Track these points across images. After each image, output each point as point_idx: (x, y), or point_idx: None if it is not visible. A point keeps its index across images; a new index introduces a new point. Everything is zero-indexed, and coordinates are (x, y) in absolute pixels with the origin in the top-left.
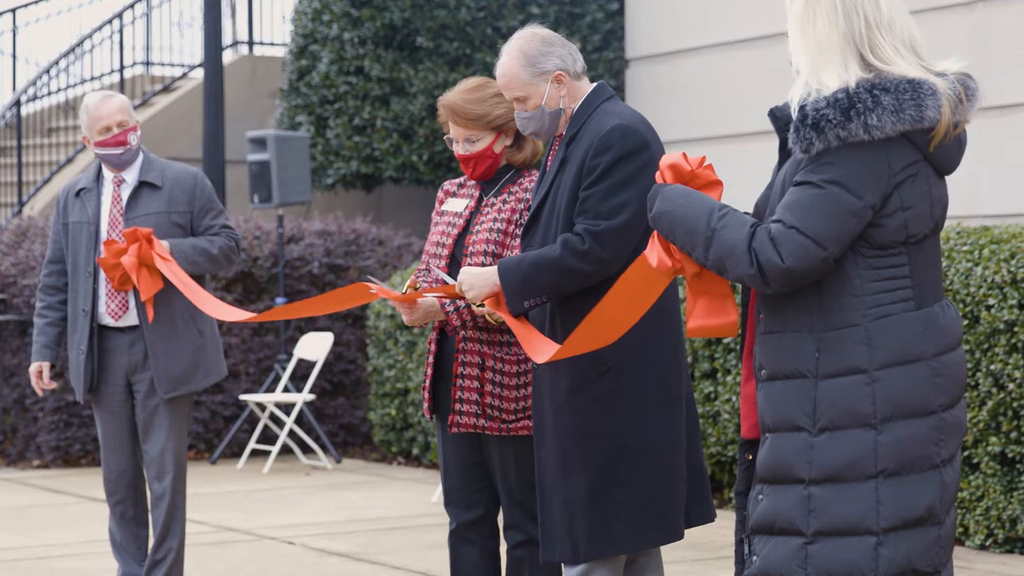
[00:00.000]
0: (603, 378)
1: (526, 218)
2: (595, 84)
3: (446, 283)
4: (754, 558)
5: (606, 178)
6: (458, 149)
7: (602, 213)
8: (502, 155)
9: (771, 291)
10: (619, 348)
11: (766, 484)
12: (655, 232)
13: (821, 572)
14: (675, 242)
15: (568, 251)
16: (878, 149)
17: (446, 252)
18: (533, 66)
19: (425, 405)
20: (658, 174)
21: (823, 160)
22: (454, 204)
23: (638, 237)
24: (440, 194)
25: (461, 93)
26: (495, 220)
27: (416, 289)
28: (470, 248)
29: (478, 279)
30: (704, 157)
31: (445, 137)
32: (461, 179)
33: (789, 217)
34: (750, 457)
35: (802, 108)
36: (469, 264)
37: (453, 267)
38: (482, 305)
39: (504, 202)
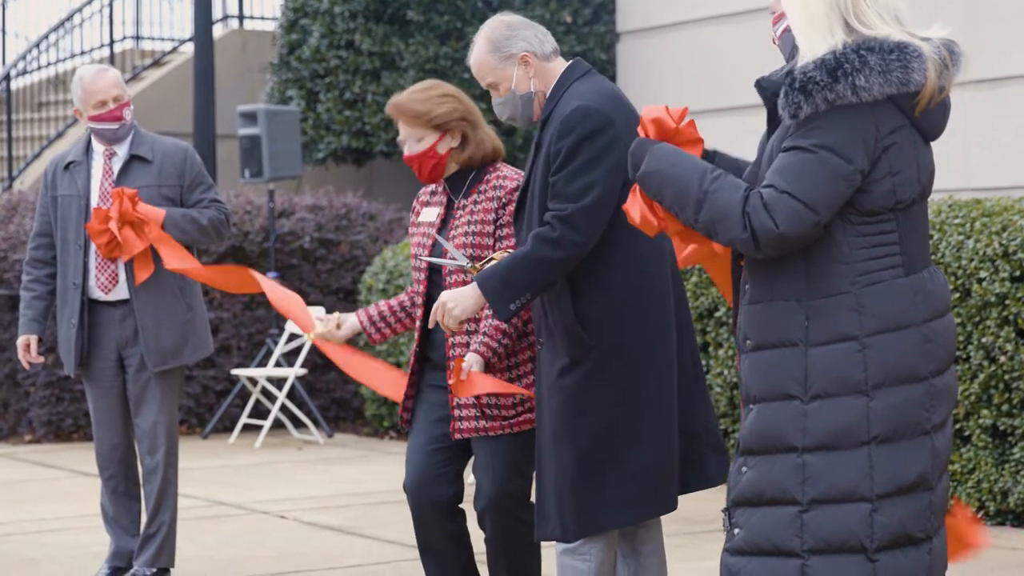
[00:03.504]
0: (588, 358)
1: (501, 223)
2: (569, 62)
3: (456, 259)
4: (736, 531)
5: (570, 161)
6: (405, 150)
7: (569, 196)
8: (447, 156)
9: (762, 255)
10: (602, 328)
11: (751, 455)
12: (636, 188)
13: (818, 540)
14: (662, 202)
15: (539, 242)
16: (865, 112)
17: (424, 265)
18: (499, 51)
19: (407, 414)
20: (640, 127)
21: (812, 125)
22: (427, 214)
23: (608, 216)
24: (415, 204)
25: (408, 93)
26: (469, 223)
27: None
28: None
29: (459, 296)
30: (686, 108)
31: (398, 140)
32: (433, 187)
33: (780, 182)
34: None
35: (790, 72)
36: (450, 270)
37: (434, 276)
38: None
39: (475, 203)
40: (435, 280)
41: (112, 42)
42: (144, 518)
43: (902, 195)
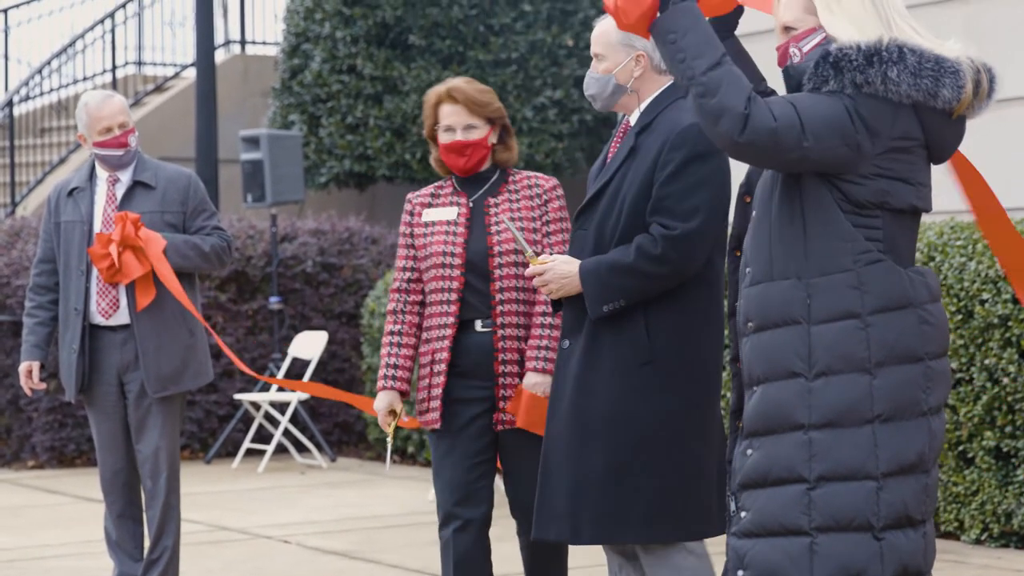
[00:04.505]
0: (643, 368)
1: (547, 219)
2: (672, 81)
3: (521, 242)
4: (743, 514)
5: (681, 176)
6: (456, 136)
7: (678, 214)
8: (490, 151)
9: (740, 142)
10: (664, 342)
11: (756, 437)
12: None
13: (826, 517)
14: (675, 43)
15: (642, 256)
16: (887, 106)
17: (459, 261)
18: (625, 35)
19: (436, 414)
20: None
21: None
22: (441, 213)
23: (712, 240)
24: (409, 207)
25: (463, 82)
26: (511, 219)
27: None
28: (496, 248)
29: (565, 281)
30: None
31: (438, 125)
32: (429, 189)
33: (787, 98)
34: (740, 424)
35: (825, 49)
36: (499, 263)
37: (470, 273)
38: None
39: (511, 200)
40: (470, 282)
41: (114, 68)
42: (147, 543)
43: (893, 198)
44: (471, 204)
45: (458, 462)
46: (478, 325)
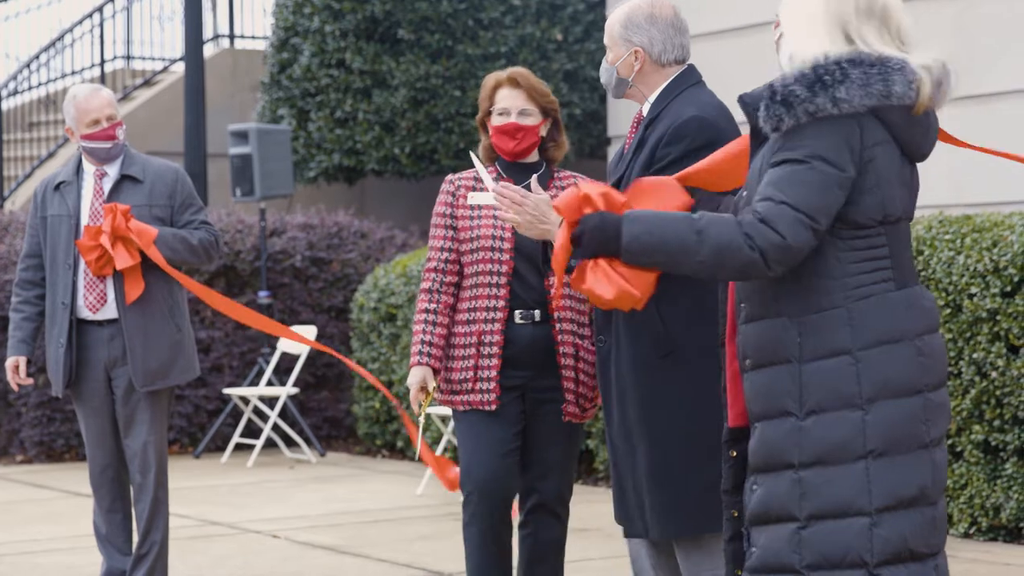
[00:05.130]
0: (666, 360)
1: None
2: (684, 67)
3: (482, 172)
4: (753, 550)
5: (674, 169)
6: (510, 119)
7: None
8: (539, 141)
9: (773, 274)
10: (683, 331)
11: (759, 473)
12: (597, 264)
13: (816, 556)
14: (654, 260)
15: None
16: (848, 122)
17: (508, 247)
18: (625, 29)
19: (493, 396)
20: (585, 204)
21: (798, 137)
22: (487, 197)
23: None
24: (451, 188)
25: (524, 70)
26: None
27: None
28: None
29: (544, 224)
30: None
31: (493, 108)
32: (472, 172)
33: (776, 194)
34: (734, 454)
35: (770, 86)
36: (550, 254)
37: (520, 260)
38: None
39: (555, 198)
40: (518, 268)
41: (103, 62)
42: (136, 537)
43: (890, 208)
44: None
45: (496, 445)
46: (517, 317)
